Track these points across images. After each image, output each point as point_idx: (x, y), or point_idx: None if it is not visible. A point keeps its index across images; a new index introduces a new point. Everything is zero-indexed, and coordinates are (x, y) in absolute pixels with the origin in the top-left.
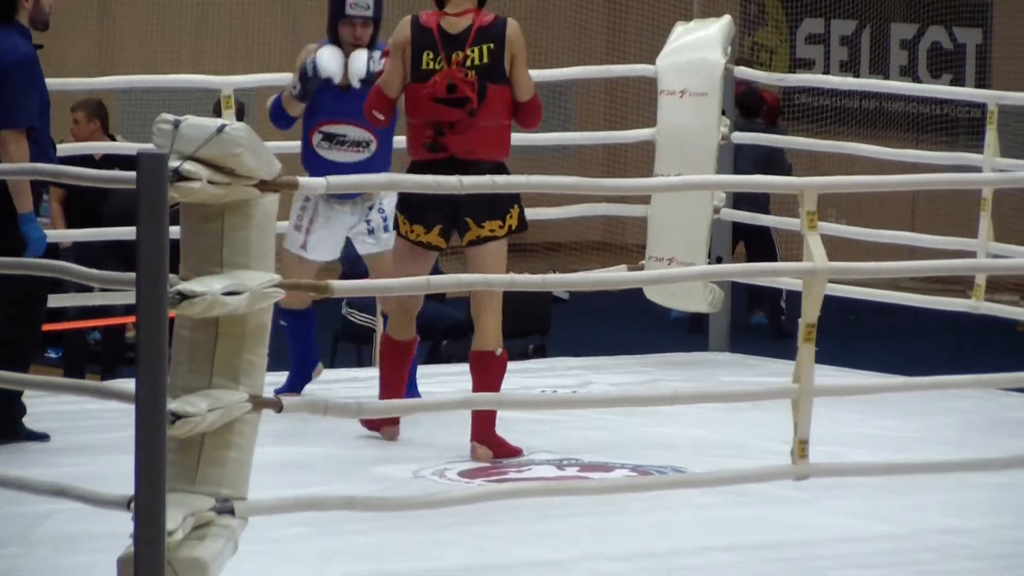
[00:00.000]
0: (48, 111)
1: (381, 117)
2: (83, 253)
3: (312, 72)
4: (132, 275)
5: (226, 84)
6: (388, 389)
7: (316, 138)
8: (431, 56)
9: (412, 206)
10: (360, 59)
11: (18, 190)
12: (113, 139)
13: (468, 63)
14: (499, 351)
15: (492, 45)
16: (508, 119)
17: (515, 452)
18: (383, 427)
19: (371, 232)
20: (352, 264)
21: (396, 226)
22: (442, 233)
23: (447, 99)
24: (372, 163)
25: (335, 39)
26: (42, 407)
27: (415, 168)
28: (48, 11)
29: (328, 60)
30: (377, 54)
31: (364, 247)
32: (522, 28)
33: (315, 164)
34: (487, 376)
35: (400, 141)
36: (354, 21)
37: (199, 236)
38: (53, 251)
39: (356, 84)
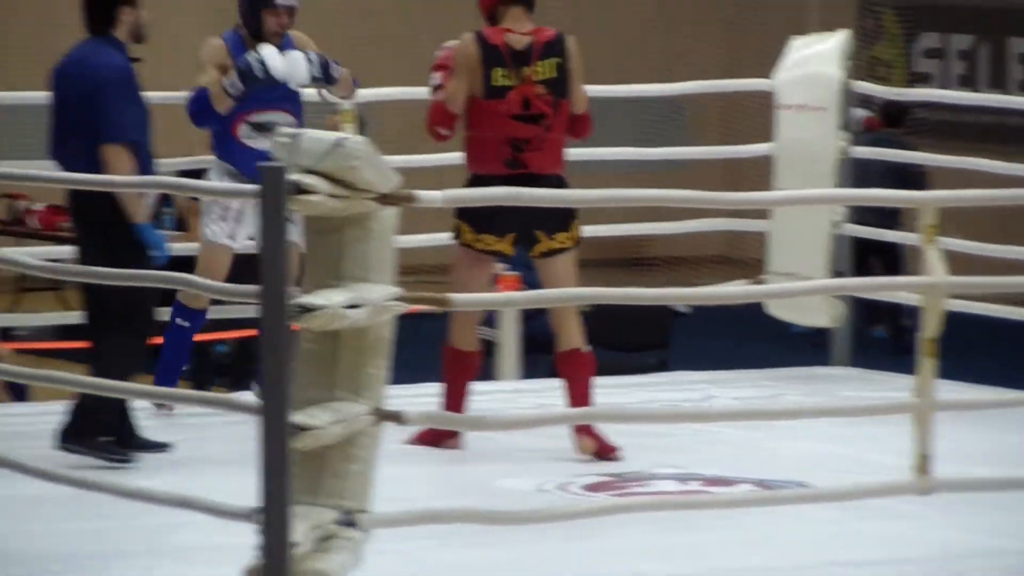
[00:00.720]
0: (148, 125)
1: (446, 133)
2: None
3: (263, 74)
4: (255, 288)
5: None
6: (452, 401)
7: (243, 129)
8: (502, 72)
9: (482, 216)
10: (300, 64)
11: (130, 200)
12: None
13: (536, 78)
14: (584, 349)
15: (558, 60)
16: (564, 136)
17: (613, 449)
18: (445, 441)
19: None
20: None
21: (457, 236)
22: (513, 242)
23: (523, 115)
24: None
25: (256, 30)
26: (168, 419)
27: (483, 181)
28: (146, 24)
29: (281, 63)
30: (313, 56)
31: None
32: (641, 43)
33: (241, 154)
34: (580, 371)
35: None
36: (279, 10)
37: (320, 249)
38: (186, 263)
39: (293, 87)
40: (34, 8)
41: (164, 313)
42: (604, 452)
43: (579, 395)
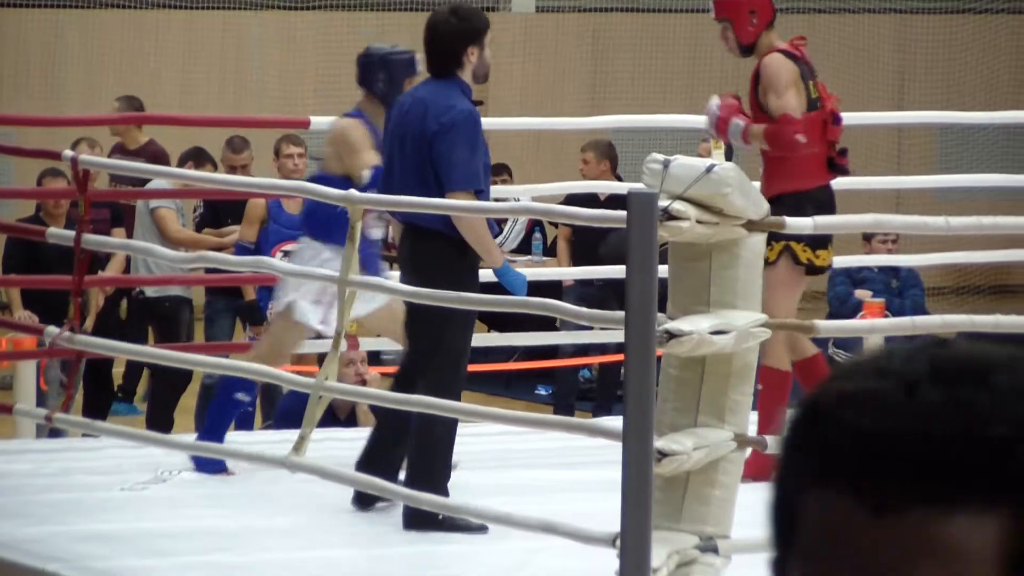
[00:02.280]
0: (489, 172)
1: (805, 140)
2: (583, 291)
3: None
4: (621, 313)
5: None
6: (770, 423)
7: None
8: (812, 84)
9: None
10: None
11: (485, 248)
12: (620, 179)
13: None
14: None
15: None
16: None
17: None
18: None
19: None
20: (841, 303)
21: (791, 256)
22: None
23: (832, 144)
24: None
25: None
26: (524, 443)
27: (817, 193)
28: (488, 63)
29: None
30: None
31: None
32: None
33: None
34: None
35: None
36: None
37: (687, 275)
38: (556, 289)
39: None
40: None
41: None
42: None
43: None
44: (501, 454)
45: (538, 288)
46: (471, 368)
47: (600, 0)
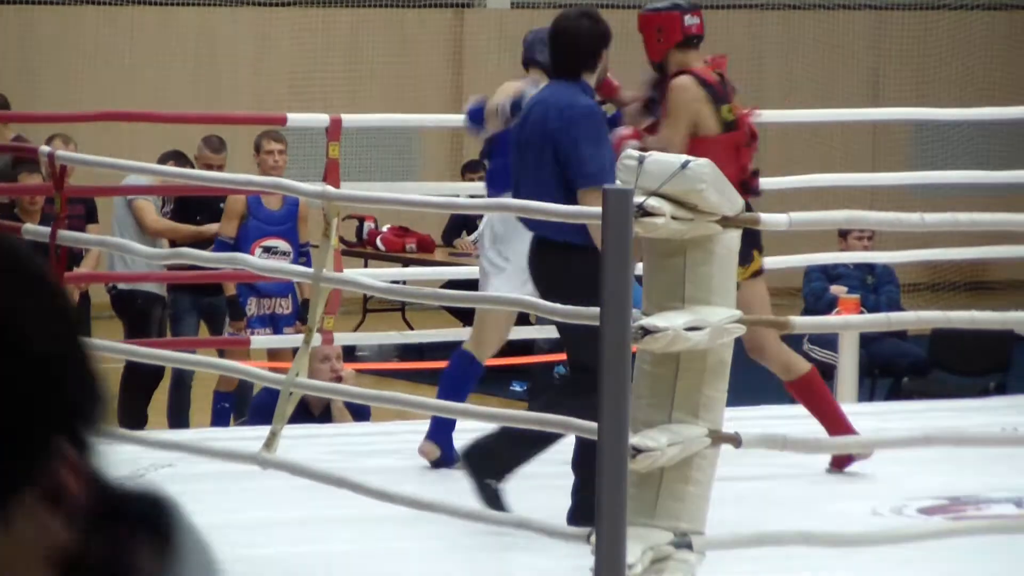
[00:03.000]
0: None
1: None
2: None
3: None
4: (596, 310)
5: None
6: (834, 423)
7: None
8: (728, 108)
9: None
10: None
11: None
12: None
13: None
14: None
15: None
16: None
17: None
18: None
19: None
20: (816, 299)
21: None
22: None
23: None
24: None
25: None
26: None
27: None
28: (606, 71)
29: None
30: None
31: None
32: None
33: None
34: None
35: None
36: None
37: (661, 272)
38: None
39: None
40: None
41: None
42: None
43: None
44: None
45: None
46: (445, 364)
47: None
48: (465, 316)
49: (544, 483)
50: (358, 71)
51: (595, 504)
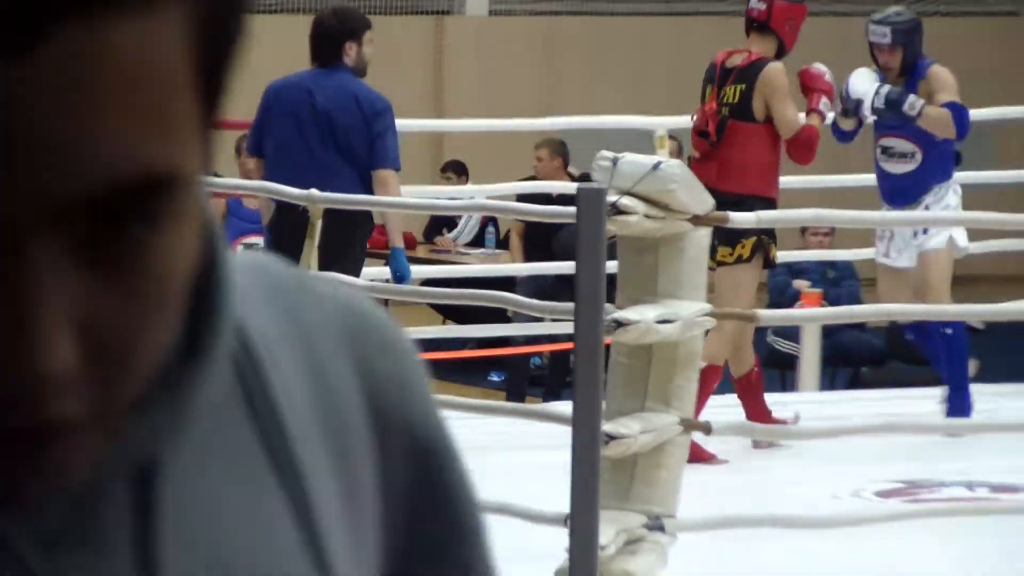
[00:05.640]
0: None
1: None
2: (537, 285)
3: (845, 94)
4: (572, 304)
5: (659, 124)
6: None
7: (875, 152)
8: (708, 91)
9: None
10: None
11: (395, 225)
12: (572, 176)
13: (724, 99)
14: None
15: (744, 86)
16: (759, 156)
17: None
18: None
19: (915, 235)
20: (779, 293)
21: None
22: None
23: (699, 131)
24: (919, 173)
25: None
26: (479, 428)
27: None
28: (368, 60)
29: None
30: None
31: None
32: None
33: (877, 176)
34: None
35: None
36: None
37: (634, 268)
38: (509, 281)
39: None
40: None
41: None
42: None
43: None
44: (457, 439)
45: (492, 281)
46: (427, 356)
47: (551, 4)
48: (446, 311)
49: (524, 467)
50: None
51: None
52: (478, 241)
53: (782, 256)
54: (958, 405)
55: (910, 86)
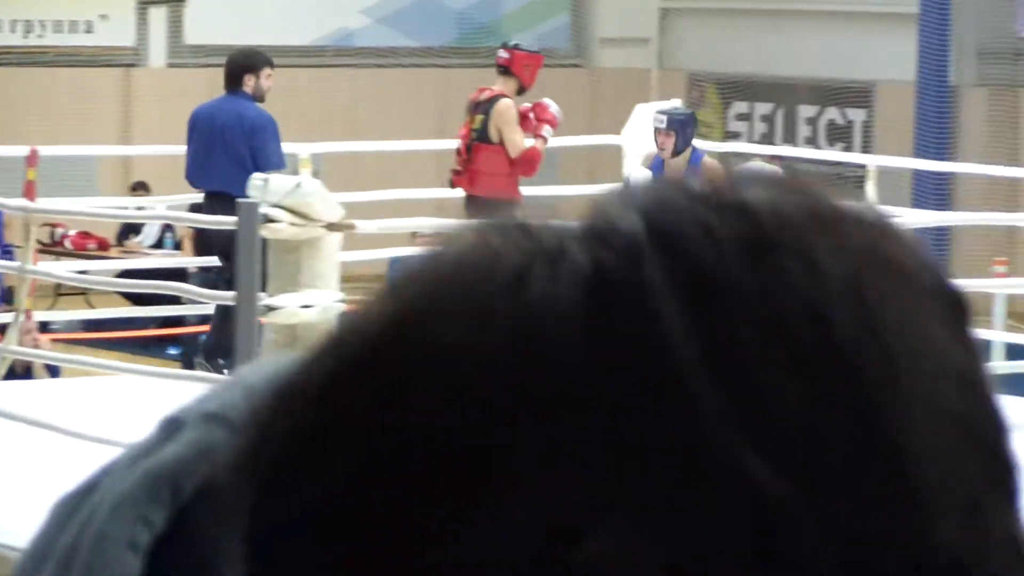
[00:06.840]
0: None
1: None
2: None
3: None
4: (233, 293)
5: (303, 149)
6: None
7: None
8: (465, 120)
9: None
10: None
11: None
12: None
13: (473, 126)
14: None
15: (483, 116)
16: (497, 169)
17: None
18: None
19: None
20: None
21: None
22: None
23: (457, 150)
24: None
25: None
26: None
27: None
28: (265, 90)
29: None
30: None
31: None
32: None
33: None
34: None
35: None
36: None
37: (283, 264)
38: (182, 274)
39: None
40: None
41: (178, 310)
42: None
43: None
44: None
45: (169, 273)
46: (119, 334)
47: (215, 57)
48: (136, 299)
49: None
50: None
51: None
52: (159, 243)
53: None
54: None
55: None
